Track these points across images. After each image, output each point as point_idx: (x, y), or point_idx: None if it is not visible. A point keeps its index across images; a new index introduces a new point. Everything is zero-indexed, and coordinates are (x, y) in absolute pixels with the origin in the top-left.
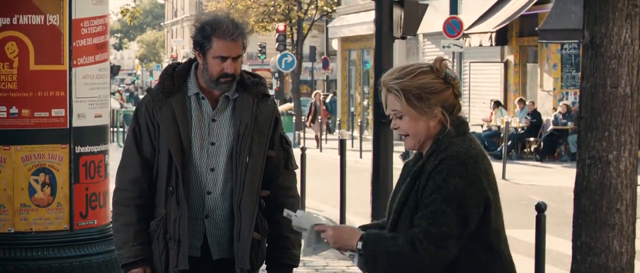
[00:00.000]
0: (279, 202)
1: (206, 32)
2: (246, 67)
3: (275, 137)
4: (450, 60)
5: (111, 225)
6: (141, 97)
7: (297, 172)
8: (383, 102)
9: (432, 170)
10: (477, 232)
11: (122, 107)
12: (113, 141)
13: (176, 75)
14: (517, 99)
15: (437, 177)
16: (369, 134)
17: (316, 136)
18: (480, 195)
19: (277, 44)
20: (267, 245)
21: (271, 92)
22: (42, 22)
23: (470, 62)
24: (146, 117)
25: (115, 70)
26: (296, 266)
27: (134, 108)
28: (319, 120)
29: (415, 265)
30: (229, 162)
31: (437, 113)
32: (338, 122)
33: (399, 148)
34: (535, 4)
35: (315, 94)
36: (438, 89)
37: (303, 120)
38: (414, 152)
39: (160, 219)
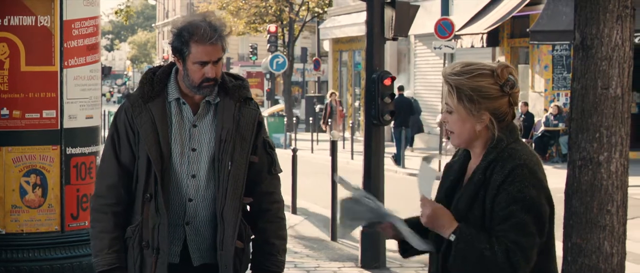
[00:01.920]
0: (263, 208)
1: (184, 38)
2: (237, 69)
3: (258, 142)
4: (442, 61)
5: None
6: None
7: (289, 173)
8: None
9: (502, 181)
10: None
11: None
12: None
13: (156, 79)
14: None
15: (510, 188)
16: (360, 135)
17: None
18: (549, 205)
19: (268, 45)
20: (252, 250)
21: (262, 94)
22: (33, 23)
23: None
24: (125, 123)
25: (106, 71)
26: (281, 272)
27: None
28: (331, 122)
29: None
30: (211, 169)
31: (485, 118)
32: (330, 123)
33: (390, 150)
34: (527, 5)
35: (331, 94)
36: (492, 95)
37: (295, 122)
38: (455, 151)
39: (136, 225)
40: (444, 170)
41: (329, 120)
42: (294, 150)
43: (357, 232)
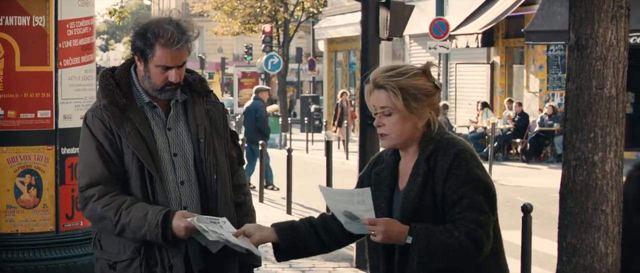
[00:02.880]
0: (239, 201)
1: (148, 40)
2: (232, 70)
3: (227, 136)
4: (437, 61)
5: (118, 223)
6: None
7: (284, 173)
8: (367, 99)
9: (449, 166)
10: None
11: None
12: None
13: (121, 85)
14: (506, 99)
15: (458, 172)
16: (355, 136)
17: (343, 140)
18: (493, 184)
19: (263, 45)
20: None
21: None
22: (28, 24)
23: (456, 64)
24: (107, 135)
25: (101, 71)
26: (259, 265)
27: None
28: (346, 123)
29: (475, 254)
30: (196, 172)
31: (426, 115)
32: (325, 123)
33: None
34: (522, 5)
35: (342, 94)
36: (430, 91)
37: (289, 122)
38: (374, 158)
39: (139, 246)
40: (373, 180)
41: (343, 121)
42: (289, 151)
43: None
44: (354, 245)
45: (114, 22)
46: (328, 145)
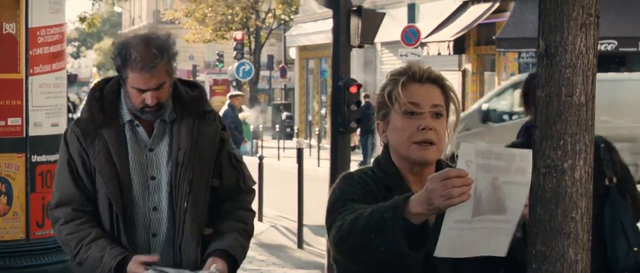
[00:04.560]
0: (224, 226)
1: (122, 61)
2: (203, 77)
3: (223, 158)
4: None
5: (76, 256)
6: None
7: (255, 181)
8: (399, 92)
9: None
10: None
11: None
12: None
13: (106, 100)
14: None
15: None
16: (326, 143)
17: (355, 145)
18: None
19: (235, 52)
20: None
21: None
22: None
23: None
24: (80, 152)
25: (72, 78)
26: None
27: None
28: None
29: None
30: (170, 198)
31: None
32: (296, 131)
33: (356, 157)
34: (493, 13)
35: (365, 97)
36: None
37: (260, 129)
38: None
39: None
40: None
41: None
42: (261, 158)
43: (323, 241)
44: (325, 253)
45: (85, 29)
46: (299, 152)
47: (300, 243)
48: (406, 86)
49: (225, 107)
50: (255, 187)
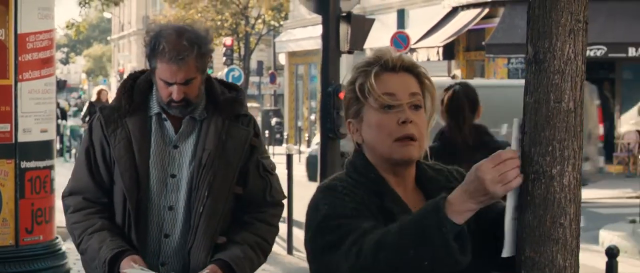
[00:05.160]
0: (239, 237)
1: (152, 50)
2: None
3: (250, 166)
4: None
5: (79, 246)
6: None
7: None
8: (373, 84)
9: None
10: None
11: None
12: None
13: (137, 89)
14: None
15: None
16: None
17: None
18: None
19: (224, 58)
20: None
21: None
22: None
23: None
24: (102, 140)
25: (61, 84)
26: None
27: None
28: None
29: None
30: (188, 199)
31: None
32: (286, 137)
33: None
34: (482, 18)
35: None
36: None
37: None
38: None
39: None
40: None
41: None
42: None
43: None
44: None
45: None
46: (289, 158)
47: (290, 249)
48: (379, 76)
49: None
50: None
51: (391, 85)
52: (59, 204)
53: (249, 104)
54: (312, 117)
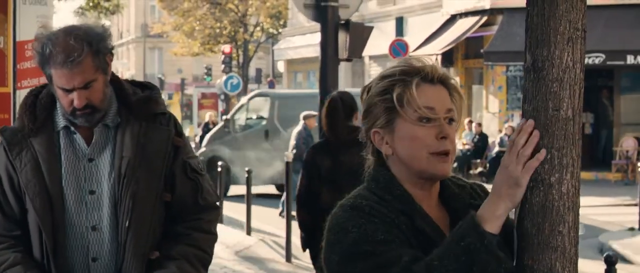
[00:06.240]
0: (174, 251)
1: (42, 56)
2: (192, 90)
3: (176, 168)
4: None
5: None
6: None
7: (243, 194)
8: (412, 96)
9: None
10: None
11: None
12: None
13: (39, 105)
14: (466, 120)
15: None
16: None
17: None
18: None
19: (223, 65)
20: None
21: (216, 114)
22: None
23: None
24: (7, 167)
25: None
26: None
27: None
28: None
29: None
30: (112, 215)
31: None
32: None
33: None
34: (481, 26)
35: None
36: None
37: None
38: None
39: None
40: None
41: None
42: (249, 172)
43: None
44: (312, 266)
45: None
46: (287, 166)
47: (288, 257)
48: (419, 88)
49: (299, 128)
50: (243, 199)
51: (430, 97)
52: None
53: None
54: None
